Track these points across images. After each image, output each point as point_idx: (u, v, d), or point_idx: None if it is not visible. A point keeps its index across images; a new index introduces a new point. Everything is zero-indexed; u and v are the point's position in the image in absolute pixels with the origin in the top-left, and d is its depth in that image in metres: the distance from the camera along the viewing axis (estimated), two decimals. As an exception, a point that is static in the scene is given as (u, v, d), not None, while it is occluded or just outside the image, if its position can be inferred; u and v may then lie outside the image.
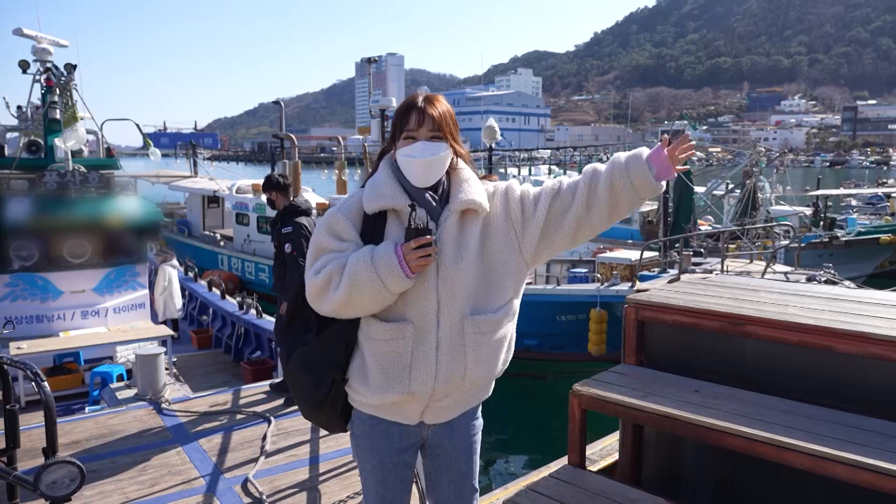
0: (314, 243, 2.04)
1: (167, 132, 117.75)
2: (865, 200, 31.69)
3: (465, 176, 2.06)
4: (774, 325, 2.84)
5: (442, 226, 1.98)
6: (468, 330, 2.00)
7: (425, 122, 1.98)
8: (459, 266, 1.98)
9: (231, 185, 19.36)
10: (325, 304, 1.97)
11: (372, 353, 2.02)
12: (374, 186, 2.02)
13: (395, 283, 1.88)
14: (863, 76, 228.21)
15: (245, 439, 5.07)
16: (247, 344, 9.07)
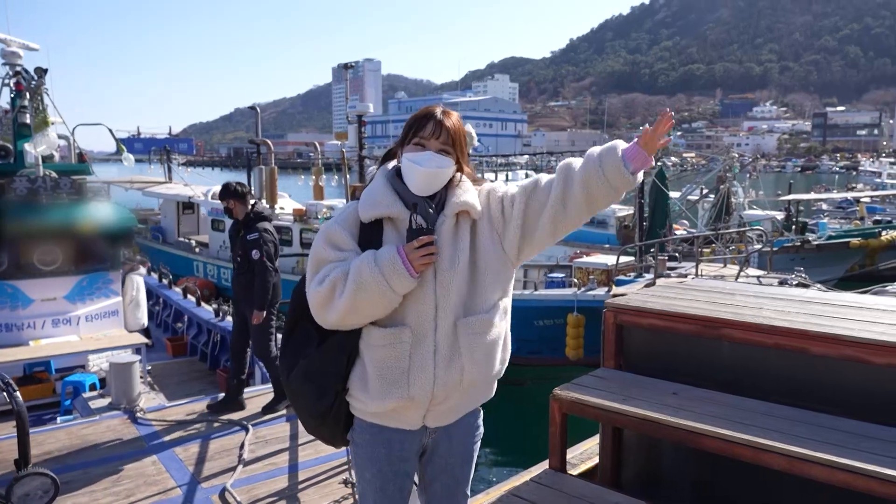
0: (314, 257, 2.05)
1: (141, 137, 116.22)
2: (836, 205, 32.37)
3: (457, 180, 2.09)
4: (750, 328, 2.87)
5: (438, 230, 2.01)
6: (462, 332, 2.02)
7: (441, 134, 2.02)
8: (455, 269, 2.01)
9: (206, 190, 19.19)
10: (329, 314, 1.98)
11: (371, 359, 2.03)
12: (370, 195, 2.05)
13: (400, 283, 1.90)
14: (832, 83, 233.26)
15: (222, 448, 5.01)
16: (223, 351, 8.97)
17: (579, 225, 2.08)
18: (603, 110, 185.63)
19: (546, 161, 60.04)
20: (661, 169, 19.05)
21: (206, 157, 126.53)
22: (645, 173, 16.67)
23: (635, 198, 17.00)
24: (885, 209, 30.89)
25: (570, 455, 3.63)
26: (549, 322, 11.98)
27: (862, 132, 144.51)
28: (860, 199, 29.11)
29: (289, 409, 5.70)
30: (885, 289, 7.37)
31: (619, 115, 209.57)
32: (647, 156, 1.95)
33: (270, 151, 15.57)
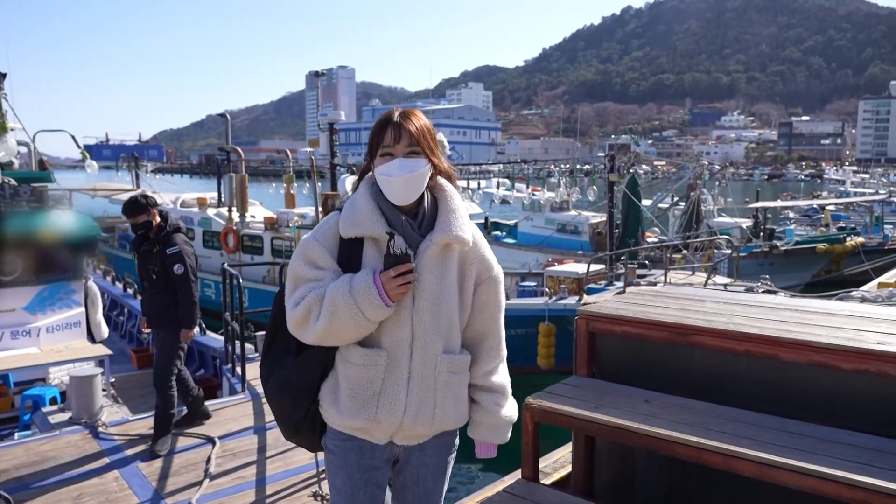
0: (291, 273, 2.01)
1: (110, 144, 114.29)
2: (802, 212, 33.03)
3: (452, 205, 2.04)
4: (721, 335, 2.87)
5: (421, 255, 1.96)
6: (441, 368, 2.01)
7: (402, 137, 1.95)
8: (435, 299, 1.98)
9: (175, 198, 18.87)
10: (306, 335, 1.97)
11: (345, 376, 2.01)
12: (352, 211, 1.99)
13: (374, 312, 1.88)
14: (797, 93, 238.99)
15: (188, 462, 4.87)
16: (190, 362, 8.77)
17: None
18: (576, 118, 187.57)
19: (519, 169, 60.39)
20: (633, 177, 19.24)
21: (177, 164, 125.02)
22: (616, 182, 16.89)
23: (606, 206, 17.13)
24: (849, 216, 31.58)
25: (543, 464, 3.60)
26: (521, 331, 11.97)
27: (826, 141, 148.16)
28: (825, 206, 29.73)
29: (258, 421, 5.58)
30: (851, 294, 7.48)
31: (592, 124, 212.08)
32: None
33: (241, 159, 15.38)
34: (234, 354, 6.81)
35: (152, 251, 5.00)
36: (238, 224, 16.10)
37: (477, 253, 2.07)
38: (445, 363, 2.00)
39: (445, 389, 2.02)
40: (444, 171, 2.09)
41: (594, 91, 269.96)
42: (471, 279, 2.06)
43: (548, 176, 35.83)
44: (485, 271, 2.09)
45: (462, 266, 2.05)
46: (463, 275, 2.05)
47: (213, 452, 4.93)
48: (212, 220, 17.02)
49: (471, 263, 2.06)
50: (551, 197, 24.72)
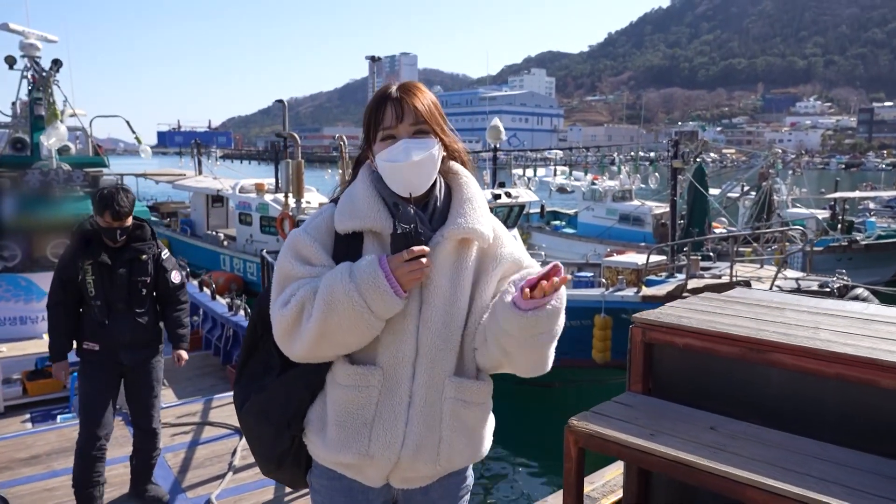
0: (279, 271, 1.66)
1: (181, 130, 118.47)
2: (884, 203, 31.01)
3: (468, 193, 1.68)
4: (806, 354, 2.42)
5: (432, 252, 1.59)
6: (448, 393, 1.63)
7: (405, 115, 1.60)
8: (447, 308, 1.61)
9: (234, 184, 19.09)
10: (296, 344, 1.59)
11: (333, 400, 1.65)
12: (350, 201, 1.66)
13: (381, 303, 1.51)
14: (879, 77, 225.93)
15: (213, 454, 4.77)
16: (235, 346, 8.79)
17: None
18: (641, 105, 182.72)
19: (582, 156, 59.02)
20: (700, 166, 18.35)
21: (244, 150, 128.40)
22: (681, 170, 16.09)
23: (669, 195, 16.36)
24: (937, 208, 29.50)
25: (591, 486, 3.23)
26: (576, 323, 11.50)
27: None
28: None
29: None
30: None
31: (658, 110, 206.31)
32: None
33: (297, 145, 15.33)
34: None
35: (139, 260, 3.82)
36: (294, 210, 16.12)
37: (500, 250, 1.69)
38: (454, 387, 1.63)
39: (454, 421, 1.64)
40: (457, 153, 1.72)
41: (661, 76, 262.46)
42: (492, 282, 1.68)
43: (610, 163, 34.78)
44: (513, 267, 1.71)
45: (480, 266, 1.67)
46: (481, 274, 1.67)
47: (238, 445, 4.78)
48: (269, 205, 17.12)
49: (493, 263, 1.68)
50: (613, 186, 23.91)
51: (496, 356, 1.62)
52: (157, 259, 3.89)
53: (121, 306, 3.78)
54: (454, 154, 1.72)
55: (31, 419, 6.37)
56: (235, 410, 1.83)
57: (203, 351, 9.70)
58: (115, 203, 3.62)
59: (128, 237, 3.79)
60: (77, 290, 3.76)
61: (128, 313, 3.79)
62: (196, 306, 10.57)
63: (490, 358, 1.64)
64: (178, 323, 4.06)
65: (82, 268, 3.71)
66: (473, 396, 1.66)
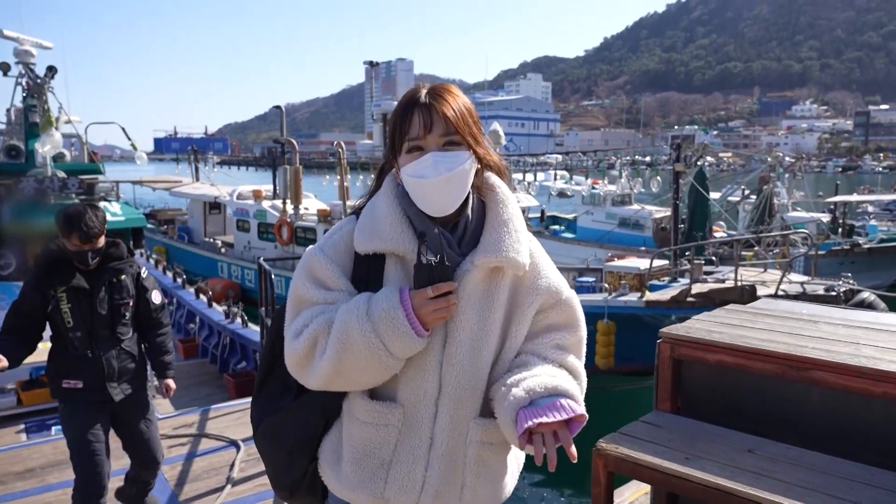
0: (293, 294, 1.51)
1: (178, 137, 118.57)
2: (882, 207, 30.95)
3: (505, 214, 1.50)
4: (849, 372, 2.28)
5: (460, 281, 1.43)
6: (473, 437, 1.48)
7: (434, 124, 1.42)
8: (475, 343, 1.45)
9: (232, 191, 18.95)
10: (310, 377, 1.46)
11: (349, 435, 1.51)
12: (372, 219, 1.49)
13: (401, 344, 1.37)
14: (875, 81, 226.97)
15: (212, 466, 4.61)
16: (232, 354, 8.70)
17: None
18: (637, 109, 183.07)
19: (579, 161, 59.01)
20: (700, 170, 18.25)
21: (241, 156, 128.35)
22: (682, 173, 15.99)
23: (671, 198, 16.24)
24: (935, 211, 29.42)
25: None
26: None
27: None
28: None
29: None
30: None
31: (654, 115, 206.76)
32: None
33: (295, 151, 15.22)
34: None
35: (118, 280, 3.37)
36: (292, 216, 15.98)
37: (538, 281, 1.52)
38: (479, 430, 1.47)
39: (479, 466, 1.49)
40: (493, 165, 1.55)
41: (657, 81, 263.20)
42: (528, 312, 1.52)
43: (609, 168, 34.69)
44: (550, 299, 1.54)
45: (515, 299, 1.51)
46: (515, 307, 1.51)
47: (237, 457, 4.63)
48: (266, 212, 16.98)
49: (529, 296, 1.51)
50: (612, 190, 23.80)
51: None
52: (137, 278, 3.48)
53: (104, 334, 3.33)
54: (490, 166, 1.55)
55: (25, 430, 6.23)
56: (252, 430, 1.70)
57: (199, 359, 9.61)
58: (82, 224, 3.13)
59: (101, 257, 3.33)
60: (38, 323, 3.28)
61: (111, 341, 3.35)
62: (193, 314, 10.46)
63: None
64: (163, 348, 3.63)
65: (54, 296, 3.22)
66: (499, 437, 1.50)
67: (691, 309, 10.96)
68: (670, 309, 10.95)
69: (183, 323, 10.85)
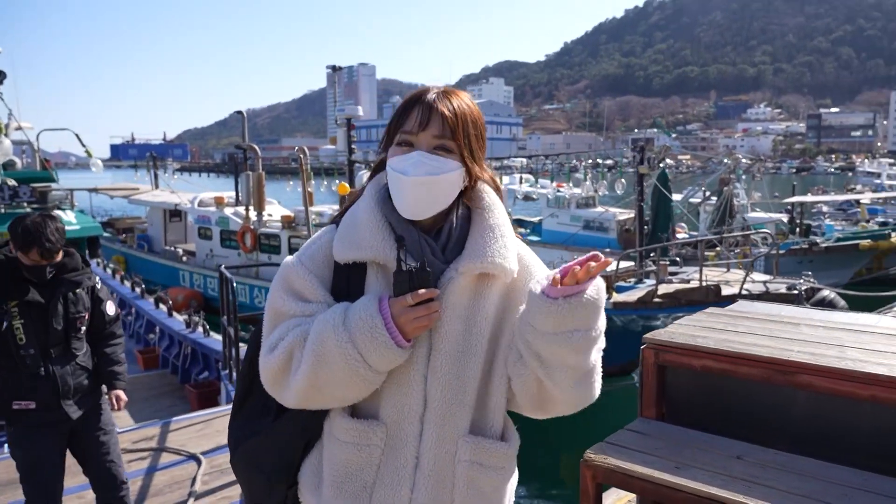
0: (270, 306, 1.42)
1: (135, 143, 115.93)
2: (836, 206, 31.86)
3: (491, 220, 1.42)
4: (836, 375, 2.25)
5: (444, 290, 1.35)
6: (463, 455, 1.38)
7: (431, 122, 1.35)
8: (461, 354, 1.36)
9: (193, 197, 18.53)
10: (286, 394, 1.38)
11: (329, 457, 1.42)
12: (351, 227, 1.40)
13: (379, 356, 1.28)
14: (825, 84, 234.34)
15: (174, 479, 4.42)
16: (194, 364, 8.52)
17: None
18: (598, 113, 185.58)
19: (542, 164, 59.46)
20: (663, 171, 18.49)
21: (201, 162, 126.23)
22: (646, 175, 16.19)
23: (635, 201, 16.42)
24: (886, 210, 30.39)
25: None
26: None
27: (856, 133, 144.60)
28: (860, 200, 28.59)
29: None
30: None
31: (615, 118, 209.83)
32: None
33: (258, 157, 14.94)
34: (231, 359, 6.40)
35: (73, 294, 3.19)
36: (255, 223, 15.70)
37: (531, 282, 1.42)
38: (470, 448, 1.38)
39: (468, 488, 1.39)
40: (486, 181, 1.47)
41: (617, 85, 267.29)
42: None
43: (572, 171, 35.00)
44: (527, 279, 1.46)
45: (507, 303, 1.43)
46: (508, 316, 1.43)
47: (199, 471, 4.46)
48: (229, 219, 16.65)
49: (520, 300, 1.42)
50: (577, 193, 23.99)
51: (533, 373, 1.35)
52: (92, 290, 3.29)
53: (58, 350, 3.12)
54: (481, 181, 1.46)
55: None
56: (230, 453, 1.58)
57: (160, 370, 9.42)
58: (43, 238, 2.95)
59: (56, 269, 3.13)
60: None
61: (66, 357, 3.14)
62: (152, 324, 10.24)
63: (527, 381, 1.38)
64: (115, 359, 3.41)
65: (6, 312, 3.00)
66: (493, 460, 1.41)
67: (658, 310, 11.06)
68: (637, 310, 11.03)
69: (142, 333, 10.62)
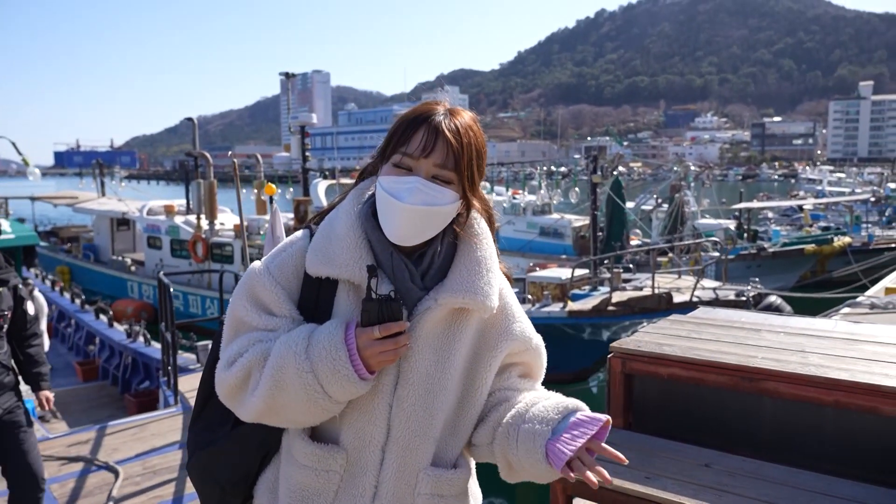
0: (231, 313, 1.34)
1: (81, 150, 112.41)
2: (781, 213, 32.95)
3: (478, 252, 1.36)
4: (801, 381, 2.27)
5: (418, 319, 1.29)
6: (423, 489, 1.32)
7: (435, 150, 1.27)
8: (429, 387, 1.30)
9: (142, 206, 18.01)
10: (241, 409, 1.31)
11: (287, 477, 1.35)
12: (327, 239, 1.32)
13: (340, 387, 1.22)
14: (768, 94, 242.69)
15: (94, 487, 4.29)
16: (135, 374, 8.38)
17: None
18: (552, 121, 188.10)
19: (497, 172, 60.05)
20: (616, 179, 18.79)
21: (151, 170, 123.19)
22: (599, 183, 16.42)
23: (589, 209, 16.65)
24: (827, 216, 31.56)
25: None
26: None
27: (798, 141, 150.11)
28: (803, 206, 29.64)
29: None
30: (859, 301, 6.99)
31: (568, 126, 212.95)
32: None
33: (209, 164, 14.60)
34: (169, 365, 6.32)
35: None
36: (207, 232, 15.33)
37: (511, 324, 1.39)
38: (430, 482, 1.32)
39: None
40: (481, 212, 1.42)
41: (569, 93, 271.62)
42: (497, 357, 1.38)
43: (527, 178, 35.36)
44: (521, 346, 1.42)
45: (484, 338, 1.37)
46: (483, 350, 1.37)
47: (116, 483, 4.28)
48: (180, 228, 16.23)
49: (500, 338, 1.38)
50: (532, 200, 24.22)
51: (500, 465, 1.38)
52: (15, 290, 3.28)
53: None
54: (478, 212, 1.41)
55: None
56: (188, 459, 1.50)
57: (100, 381, 9.29)
58: None
59: None
60: None
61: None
62: (92, 335, 10.01)
63: (488, 459, 1.40)
64: (39, 360, 3.43)
65: None
66: (451, 489, 1.36)
67: (612, 318, 11.20)
68: (592, 318, 11.15)
69: (82, 345, 10.38)
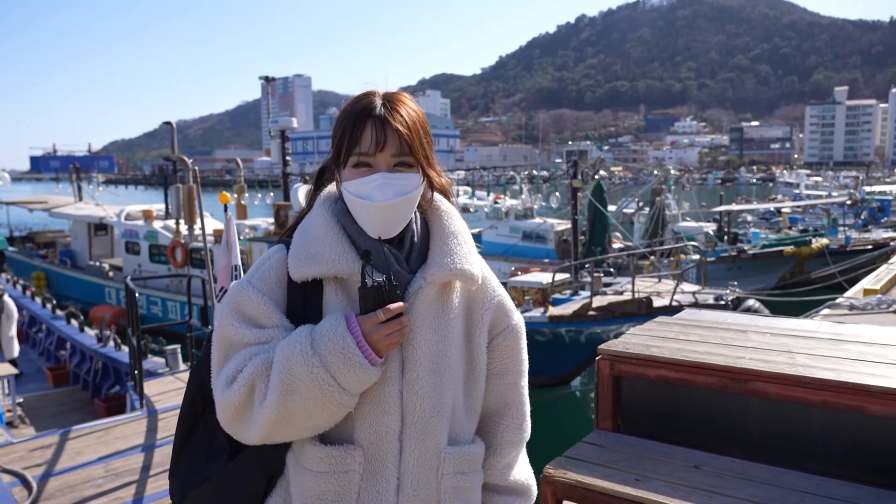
0: (219, 336, 1.31)
1: (58, 155, 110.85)
2: (760, 215, 33.35)
3: (451, 227, 1.38)
4: (788, 381, 2.27)
5: (412, 300, 1.28)
6: (447, 469, 1.31)
7: (388, 142, 1.27)
8: (435, 365, 1.29)
9: (120, 210, 17.78)
10: (249, 429, 1.25)
11: (301, 491, 1.29)
12: (306, 241, 1.31)
13: (354, 376, 1.20)
14: (745, 99, 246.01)
15: (66, 484, 4.26)
16: (105, 379, 8.35)
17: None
18: (533, 125, 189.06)
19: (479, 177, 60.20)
20: (598, 183, 18.88)
21: (129, 175, 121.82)
22: (580, 188, 16.48)
23: (570, 214, 16.72)
24: (804, 219, 32.00)
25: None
26: None
27: (775, 146, 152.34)
28: (781, 209, 30.06)
29: (149, 438, 4.83)
30: (838, 302, 7.07)
31: (549, 131, 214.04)
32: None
33: (188, 169, 14.43)
34: (136, 370, 6.28)
35: None
36: (186, 237, 15.16)
37: (489, 294, 1.41)
38: (453, 460, 1.32)
39: (454, 499, 1.33)
40: (440, 188, 1.42)
41: (550, 98, 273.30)
42: (483, 331, 1.39)
43: (509, 182, 35.44)
44: (501, 320, 1.43)
45: (469, 314, 1.39)
46: (472, 326, 1.39)
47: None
48: (158, 233, 16.04)
49: (482, 309, 1.40)
50: (514, 204, 24.26)
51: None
52: None
53: None
54: (436, 188, 1.41)
55: None
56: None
57: (70, 386, 9.24)
58: None
59: None
60: None
61: None
62: (63, 340, 9.93)
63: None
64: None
65: None
66: (472, 464, 1.37)
67: (593, 322, 11.23)
68: (573, 323, 11.17)
69: (53, 350, 10.28)
